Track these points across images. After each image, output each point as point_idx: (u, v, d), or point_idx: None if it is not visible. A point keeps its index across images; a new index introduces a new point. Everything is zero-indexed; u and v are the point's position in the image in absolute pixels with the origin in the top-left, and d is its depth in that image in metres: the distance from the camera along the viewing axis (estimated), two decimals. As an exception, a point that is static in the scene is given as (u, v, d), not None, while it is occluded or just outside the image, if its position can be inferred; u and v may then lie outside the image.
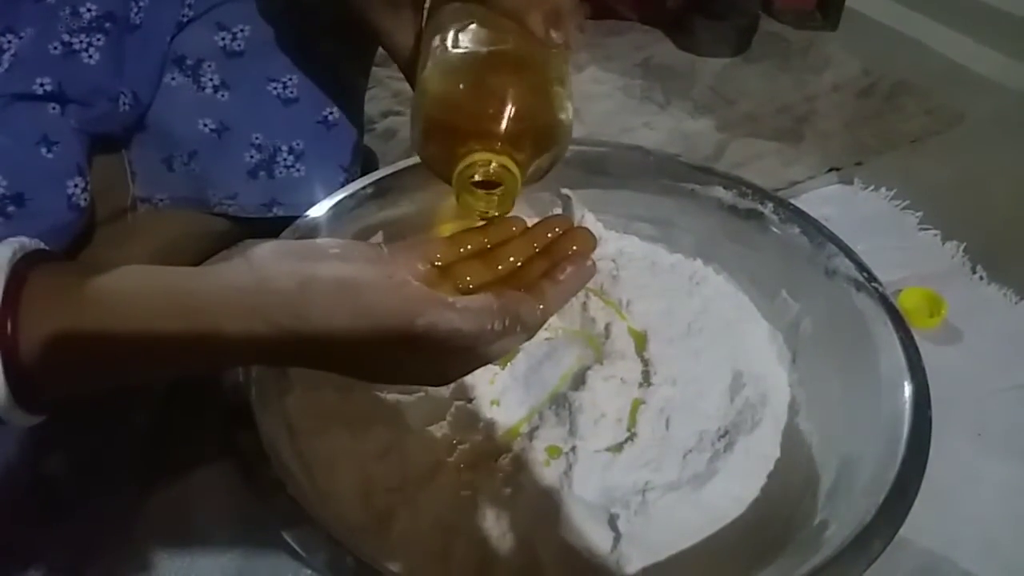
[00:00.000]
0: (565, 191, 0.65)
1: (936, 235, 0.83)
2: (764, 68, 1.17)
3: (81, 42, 0.56)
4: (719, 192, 0.63)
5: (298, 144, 0.66)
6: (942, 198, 0.87)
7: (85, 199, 0.57)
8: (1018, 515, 0.58)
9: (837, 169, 0.93)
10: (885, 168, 0.93)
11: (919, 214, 0.85)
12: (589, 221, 0.65)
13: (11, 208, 0.52)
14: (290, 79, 0.65)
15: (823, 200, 0.87)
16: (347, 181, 0.66)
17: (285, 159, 0.66)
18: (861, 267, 0.57)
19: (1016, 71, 1.14)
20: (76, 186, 0.57)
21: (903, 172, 0.91)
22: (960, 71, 1.16)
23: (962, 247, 0.81)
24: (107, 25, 0.56)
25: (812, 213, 0.85)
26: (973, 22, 1.22)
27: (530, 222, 0.45)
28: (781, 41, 1.25)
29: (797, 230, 0.61)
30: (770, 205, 0.62)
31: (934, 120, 1.05)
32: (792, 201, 0.86)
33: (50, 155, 0.56)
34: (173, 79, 0.63)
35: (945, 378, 0.67)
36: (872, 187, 0.88)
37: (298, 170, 0.67)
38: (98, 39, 0.56)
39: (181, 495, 0.55)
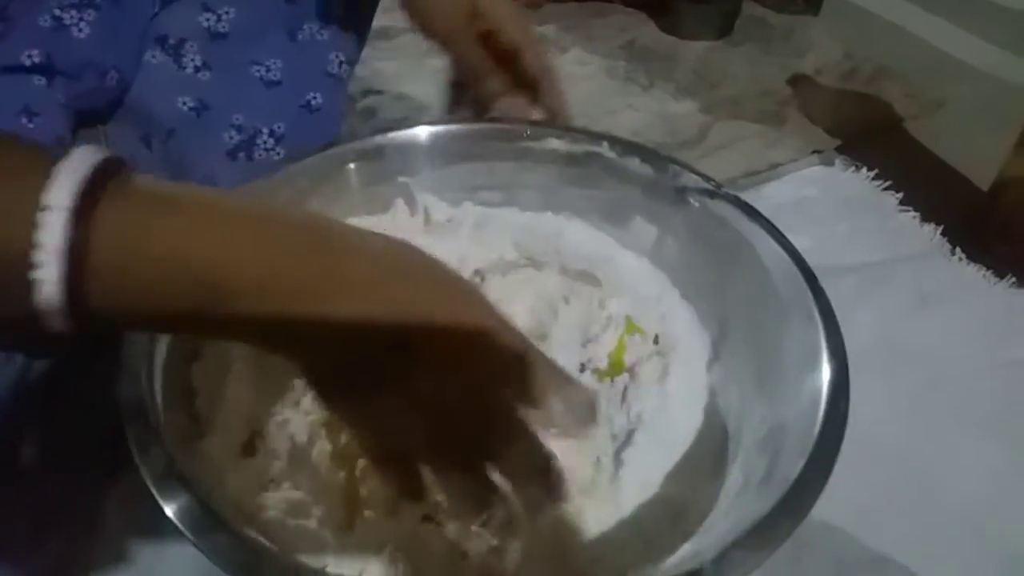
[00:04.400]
0: (403, 179, 0.63)
1: (915, 217, 0.83)
2: (747, 51, 1.17)
3: (72, 17, 0.55)
4: (553, 143, 0.61)
5: (279, 127, 0.65)
6: (921, 181, 0.88)
7: None
8: (999, 491, 0.59)
9: (819, 152, 0.93)
10: (866, 151, 0.93)
11: (899, 195, 0.85)
12: (431, 203, 0.62)
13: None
14: (274, 63, 0.64)
15: (805, 181, 0.87)
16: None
17: (265, 142, 0.65)
18: (708, 178, 0.57)
19: (995, 58, 1.14)
20: None
21: (884, 155, 0.92)
22: (940, 57, 1.16)
23: (939, 229, 0.81)
24: (98, 0, 0.56)
25: (794, 194, 0.86)
26: (953, 9, 1.23)
27: None
28: (764, 25, 1.25)
29: (637, 160, 0.60)
30: (604, 144, 0.61)
31: (915, 104, 1.05)
32: (774, 182, 0.87)
33: (31, 125, 0.55)
34: (154, 57, 0.62)
35: (924, 359, 0.68)
36: (852, 168, 0.89)
37: (278, 153, 0.65)
38: (89, 14, 0.55)
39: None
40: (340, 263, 0.34)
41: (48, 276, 0.28)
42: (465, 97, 0.66)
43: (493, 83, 0.62)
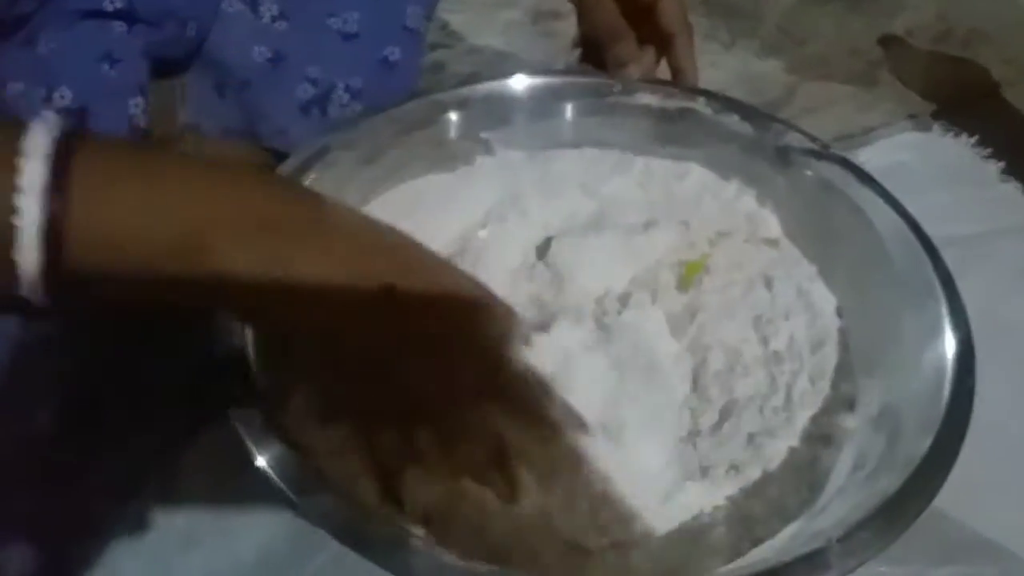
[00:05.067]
0: (484, 135, 0.60)
1: (1018, 187, 0.79)
2: (834, 9, 1.12)
3: None
4: (645, 98, 0.59)
5: (355, 82, 0.64)
6: (1022, 149, 0.83)
7: (145, 120, 0.57)
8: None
9: (913, 116, 0.89)
10: (964, 116, 0.88)
11: (1001, 164, 0.81)
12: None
13: (74, 122, 0.52)
14: (351, 15, 0.63)
15: (900, 147, 0.83)
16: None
17: (340, 96, 0.64)
18: (812, 138, 0.55)
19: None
20: (137, 106, 0.56)
21: (981, 121, 0.87)
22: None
23: (1046, 201, 0.77)
24: None
25: (888, 160, 0.82)
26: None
27: None
28: (851, -19, 1.19)
29: (736, 117, 0.57)
30: (700, 99, 0.58)
31: (1013, 70, 1.00)
32: (867, 147, 0.83)
33: (113, 72, 0.55)
34: (231, 7, 0.62)
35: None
36: (951, 135, 0.84)
37: (353, 110, 0.64)
38: None
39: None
40: (323, 210, 0.35)
41: (29, 242, 0.28)
42: (591, 59, 0.63)
43: (627, 47, 0.59)
